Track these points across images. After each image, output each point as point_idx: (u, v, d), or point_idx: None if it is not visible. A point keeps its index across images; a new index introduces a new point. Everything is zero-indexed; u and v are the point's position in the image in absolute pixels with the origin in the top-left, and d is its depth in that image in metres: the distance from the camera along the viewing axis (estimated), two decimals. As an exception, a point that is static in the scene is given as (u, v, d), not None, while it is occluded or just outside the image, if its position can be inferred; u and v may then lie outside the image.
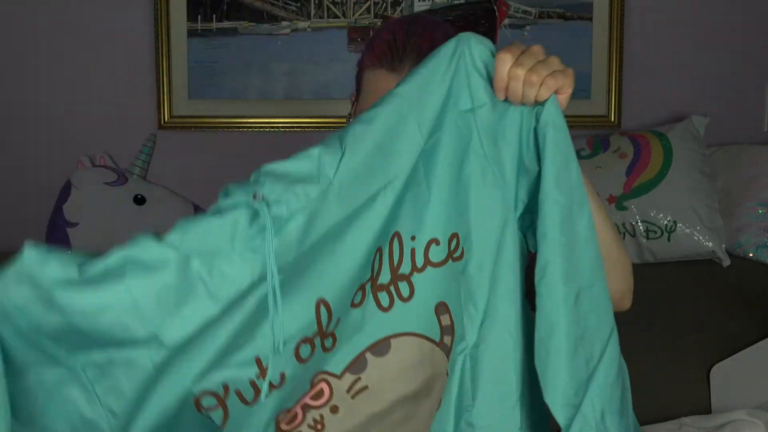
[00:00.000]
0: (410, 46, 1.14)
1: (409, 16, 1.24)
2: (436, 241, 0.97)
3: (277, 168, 0.85)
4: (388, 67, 1.14)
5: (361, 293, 0.95)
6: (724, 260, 2.04)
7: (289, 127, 2.22)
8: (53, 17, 2.18)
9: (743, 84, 2.28)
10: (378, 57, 1.16)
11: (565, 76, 1.00)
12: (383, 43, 1.16)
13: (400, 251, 0.95)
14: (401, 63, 1.13)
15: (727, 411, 1.81)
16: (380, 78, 1.15)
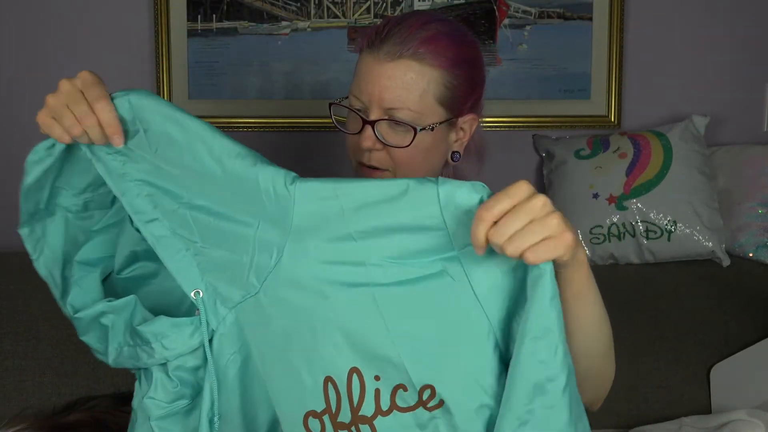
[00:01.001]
0: (395, 29, 1.16)
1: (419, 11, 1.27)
2: (402, 387, 0.92)
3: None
4: (368, 48, 1.18)
5: (318, 422, 0.93)
6: (724, 260, 2.04)
7: (289, 127, 2.22)
8: (53, 17, 2.18)
9: (743, 84, 2.28)
10: (367, 38, 1.19)
11: (558, 244, 0.87)
12: (376, 27, 1.20)
13: (361, 390, 0.92)
14: (380, 45, 1.16)
15: (727, 411, 1.81)
16: (362, 59, 1.19)
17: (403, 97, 1.15)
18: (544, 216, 0.88)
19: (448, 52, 1.17)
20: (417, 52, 1.15)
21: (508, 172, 2.29)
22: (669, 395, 1.89)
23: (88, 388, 1.81)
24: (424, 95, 1.16)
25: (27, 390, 1.81)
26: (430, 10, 2.21)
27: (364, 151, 1.19)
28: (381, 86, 1.15)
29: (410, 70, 1.15)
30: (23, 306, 1.87)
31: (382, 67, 1.15)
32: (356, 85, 1.19)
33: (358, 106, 1.19)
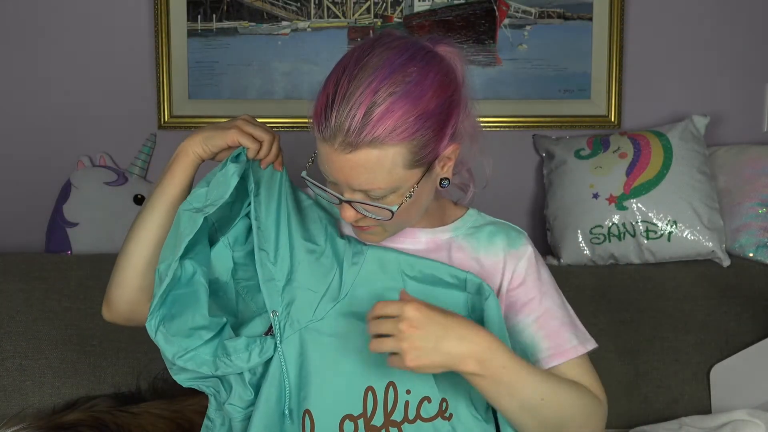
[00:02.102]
0: (342, 112, 1.08)
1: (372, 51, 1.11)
2: (428, 399, 1.14)
3: None
4: (320, 136, 1.13)
5: (353, 425, 1.13)
6: (724, 260, 2.04)
7: (289, 127, 2.22)
8: (53, 17, 2.18)
9: (743, 84, 2.28)
10: (317, 116, 1.13)
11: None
12: (323, 99, 1.12)
13: (394, 401, 1.13)
14: (332, 135, 1.10)
15: (727, 411, 1.81)
16: (318, 142, 1.14)
17: (371, 180, 1.10)
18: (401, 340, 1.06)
19: (408, 119, 1.08)
20: (374, 138, 1.07)
21: (508, 172, 2.29)
22: (669, 395, 1.89)
23: (88, 388, 1.81)
24: (392, 170, 1.10)
25: (27, 390, 1.81)
26: (428, 12, 2.21)
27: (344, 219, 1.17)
28: (345, 174, 1.10)
29: (370, 157, 1.08)
30: (23, 306, 1.87)
31: (341, 158, 1.09)
32: (321, 162, 1.15)
33: (328, 182, 1.16)
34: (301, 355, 1.16)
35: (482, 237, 1.27)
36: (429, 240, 1.26)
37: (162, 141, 2.23)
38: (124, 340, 1.86)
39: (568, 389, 1.19)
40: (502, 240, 1.27)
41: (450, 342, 1.06)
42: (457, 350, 1.06)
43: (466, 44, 2.22)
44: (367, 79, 1.08)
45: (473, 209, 1.33)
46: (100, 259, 1.97)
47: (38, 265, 1.94)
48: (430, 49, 1.14)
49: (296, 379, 1.15)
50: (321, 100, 1.12)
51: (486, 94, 2.23)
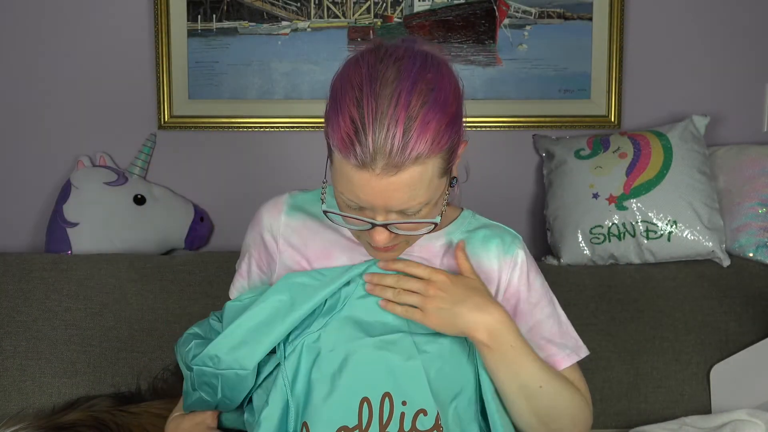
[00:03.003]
0: (379, 135, 1.02)
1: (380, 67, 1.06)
2: (423, 411, 1.13)
3: None
4: (356, 163, 1.04)
5: None
6: (724, 260, 2.04)
7: (289, 127, 2.22)
8: (53, 17, 2.18)
9: (743, 84, 2.28)
10: (344, 144, 1.04)
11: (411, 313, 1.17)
12: (348, 124, 1.04)
13: (390, 412, 1.13)
14: (372, 159, 1.03)
15: (727, 411, 1.81)
16: (350, 171, 1.05)
17: (412, 196, 1.06)
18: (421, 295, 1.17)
19: (440, 128, 1.05)
20: (419, 154, 1.03)
21: (508, 172, 2.29)
22: (669, 395, 1.89)
23: (88, 388, 1.81)
24: (431, 183, 1.07)
25: (27, 390, 1.81)
26: (428, 12, 2.20)
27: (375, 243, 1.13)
28: (386, 198, 1.05)
29: (415, 174, 1.04)
30: (23, 306, 1.87)
31: (383, 181, 1.04)
32: (349, 191, 1.07)
33: (357, 207, 1.09)
34: (299, 370, 1.17)
35: (477, 243, 1.26)
36: (424, 245, 1.25)
37: (162, 141, 2.23)
38: (124, 339, 1.86)
39: (564, 385, 1.22)
40: (497, 246, 1.26)
41: (467, 308, 1.14)
42: (472, 317, 1.14)
43: (466, 44, 2.22)
44: (394, 93, 1.03)
45: (467, 210, 1.32)
46: (100, 259, 1.97)
47: (38, 265, 1.94)
48: (426, 52, 1.12)
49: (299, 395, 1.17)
50: (344, 125, 1.04)
51: (486, 94, 2.23)
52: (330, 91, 1.10)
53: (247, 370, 1.19)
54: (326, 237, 1.26)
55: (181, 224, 2.17)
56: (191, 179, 2.25)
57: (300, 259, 1.26)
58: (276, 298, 1.19)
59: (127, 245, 2.09)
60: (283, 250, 1.28)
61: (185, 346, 1.29)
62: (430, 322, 1.15)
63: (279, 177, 2.24)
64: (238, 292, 1.34)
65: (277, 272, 1.28)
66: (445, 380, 1.17)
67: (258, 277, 1.32)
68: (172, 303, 1.91)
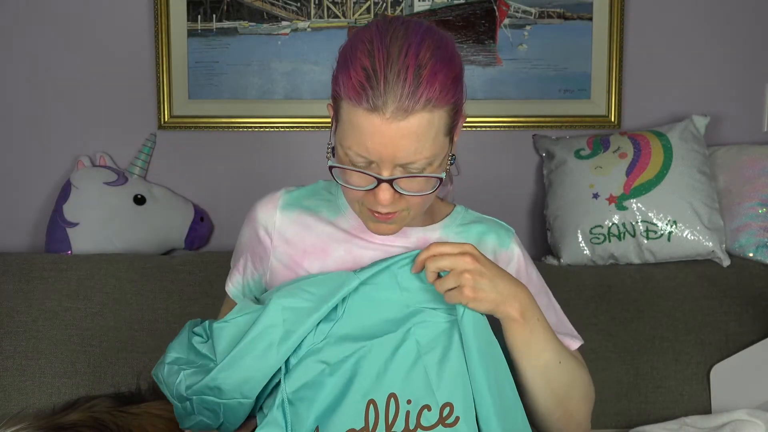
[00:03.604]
0: (391, 78, 1.05)
1: (390, 27, 1.11)
2: (427, 407, 1.14)
3: None
4: (368, 106, 1.06)
5: None
6: (724, 260, 2.04)
7: (289, 127, 2.22)
8: (53, 17, 2.18)
9: (743, 84, 2.28)
10: (356, 90, 1.07)
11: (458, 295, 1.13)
12: (360, 72, 1.07)
13: (396, 411, 1.14)
14: (384, 102, 1.05)
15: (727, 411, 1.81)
16: (361, 117, 1.07)
17: (418, 149, 1.08)
18: (459, 272, 1.11)
19: (448, 81, 1.08)
20: (428, 100, 1.06)
21: (508, 172, 2.29)
22: (669, 395, 1.89)
23: (88, 388, 1.81)
24: (437, 137, 1.09)
25: (27, 390, 1.81)
26: (428, 12, 2.21)
27: (378, 204, 1.13)
28: (394, 146, 1.07)
29: (423, 121, 1.07)
30: (23, 306, 1.87)
31: (392, 126, 1.05)
32: (357, 142, 1.08)
33: (363, 162, 1.10)
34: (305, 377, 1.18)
35: (472, 237, 1.28)
36: (419, 238, 1.26)
37: (162, 141, 2.23)
38: (124, 340, 1.86)
39: (577, 361, 1.25)
40: (492, 240, 1.28)
41: (503, 282, 1.13)
42: (507, 290, 1.13)
43: (466, 44, 2.22)
44: (404, 45, 1.07)
45: (460, 206, 1.33)
46: (100, 259, 1.97)
47: (38, 265, 1.94)
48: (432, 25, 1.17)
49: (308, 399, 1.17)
50: (356, 74, 1.07)
51: (486, 94, 2.23)
52: (338, 58, 1.13)
53: (250, 399, 1.21)
54: (322, 230, 1.27)
55: (181, 224, 2.17)
56: (191, 179, 2.25)
57: (294, 254, 1.27)
58: (269, 328, 1.18)
59: (127, 245, 2.09)
60: (277, 245, 1.28)
61: (172, 376, 1.27)
62: (468, 297, 1.11)
63: (279, 177, 2.24)
64: (234, 287, 1.36)
65: (270, 267, 1.29)
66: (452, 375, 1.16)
67: (251, 273, 1.33)
68: (172, 303, 1.91)
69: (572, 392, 1.23)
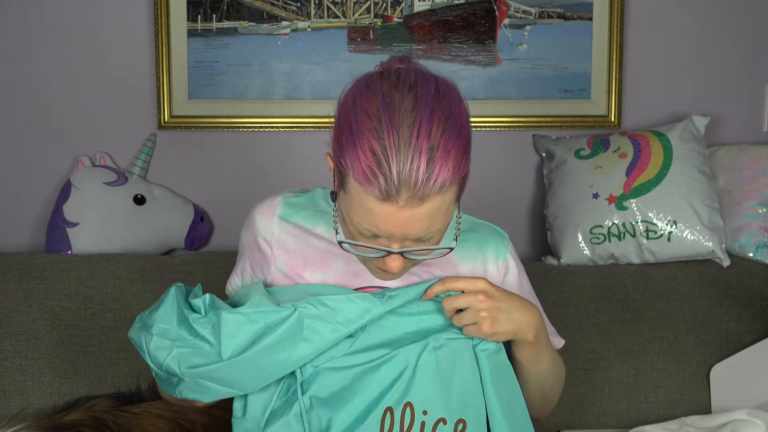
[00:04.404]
0: (403, 168, 1.01)
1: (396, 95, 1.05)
2: (443, 420, 1.17)
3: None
4: (380, 196, 1.03)
5: None
6: (724, 260, 2.04)
7: (289, 127, 2.22)
8: (53, 17, 2.18)
9: (743, 84, 2.28)
10: (366, 177, 1.03)
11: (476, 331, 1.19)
12: (369, 156, 1.02)
13: (411, 420, 1.16)
14: (397, 192, 1.03)
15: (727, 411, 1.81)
16: (372, 203, 1.05)
17: (431, 226, 1.08)
18: (477, 310, 1.17)
19: (459, 155, 1.06)
20: (442, 184, 1.04)
21: (508, 172, 2.29)
22: (669, 395, 1.89)
23: (88, 388, 1.81)
24: (448, 210, 1.09)
25: (27, 390, 1.81)
26: (428, 12, 2.20)
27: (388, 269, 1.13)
28: (406, 228, 1.06)
29: (435, 204, 1.05)
30: (23, 306, 1.87)
31: (405, 213, 1.04)
32: (367, 221, 1.07)
33: (371, 235, 1.09)
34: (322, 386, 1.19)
35: (470, 247, 1.29)
36: None
37: (162, 141, 2.23)
38: (124, 340, 1.86)
39: (560, 360, 1.37)
40: (491, 251, 1.30)
41: (518, 311, 1.20)
42: (523, 319, 1.20)
43: (466, 44, 2.22)
44: (414, 123, 1.02)
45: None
46: (100, 259, 1.97)
47: (38, 265, 1.94)
48: (436, 76, 1.11)
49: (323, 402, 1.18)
50: (365, 158, 1.02)
51: (486, 94, 2.23)
52: (340, 113, 1.08)
53: (248, 392, 1.22)
54: (319, 245, 1.27)
55: (181, 224, 2.16)
56: (191, 179, 2.25)
57: (294, 264, 1.27)
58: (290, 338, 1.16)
59: (127, 245, 2.09)
60: (278, 254, 1.28)
61: (161, 351, 1.21)
62: (486, 332, 1.18)
63: (279, 177, 2.24)
64: (233, 289, 1.39)
65: (272, 276, 1.29)
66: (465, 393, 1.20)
67: (250, 278, 1.33)
68: (172, 303, 1.91)
69: (555, 387, 1.35)
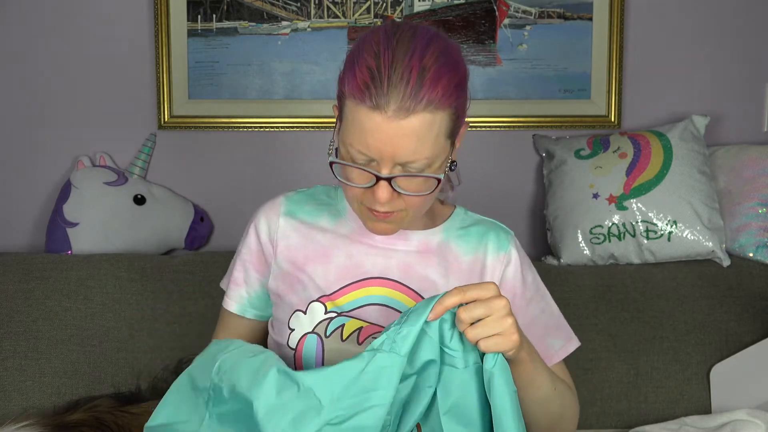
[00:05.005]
0: (394, 78, 1.08)
1: (397, 31, 1.13)
2: None
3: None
4: (371, 104, 1.08)
5: None
6: (724, 260, 2.04)
7: (289, 127, 2.22)
8: (53, 17, 2.18)
9: (743, 84, 2.29)
10: (360, 89, 1.09)
11: (505, 341, 1.05)
12: (365, 72, 1.09)
13: None
14: (386, 101, 1.07)
15: (727, 411, 1.81)
16: (363, 115, 1.09)
17: (418, 149, 1.09)
18: (501, 316, 1.04)
19: (451, 85, 1.10)
20: (429, 101, 1.08)
21: (508, 172, 2.29)
22: (669, 395, 1.89)
23: (88, 388, 1.81)
24: (437, 139, 1.11)
25: (27, 390, 1.81)
26: (428, 12, 2.21)
27: (376, 202, 1.13)
28: (394, 144, 1.08)
29: (424, 122, 1.08)
30: (23, 306, 1.87)
31: (392, 124, 1.07)
32: (359, 139, 1.10)
33: (363, 160, 1.12)
34: None
35: (472, 239, 1.28)
36: (421, 241, 1.27)
37: (162, 141, 2.23)
38: (124, 339, 1.86)
39: (564, 383, 1.25)
40: (492, 243, 1.28)
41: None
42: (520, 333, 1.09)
43: (466, 44, 2.22)
44: (409, 50, 1.09)
45: (460, 207, 1.34)
46: (100, 259, 1.97)
47: (38, 265, 1.94)
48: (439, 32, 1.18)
49: None
50: (361, 74, 1.09)
51: (486, 94, 2.23)
52: (345, 59, 1.16)
53: None
54: (322, 238, 1.28)
55: (181, 224, 2.17)
56: (191, 179, 2.25)
57: (296, 260, 1.27)
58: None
59: (127, 245, 2.09)
60: (281, 251, 1.29)
61: None
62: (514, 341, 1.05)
63: (279, 177, 2.24)
64: (238, 303, 1.33)
65: (272, 273, 1.29)
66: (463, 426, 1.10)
67: (255, 281, 1.33)
68: (172, 303, 1.91)
69: (564, 413, 1.24)
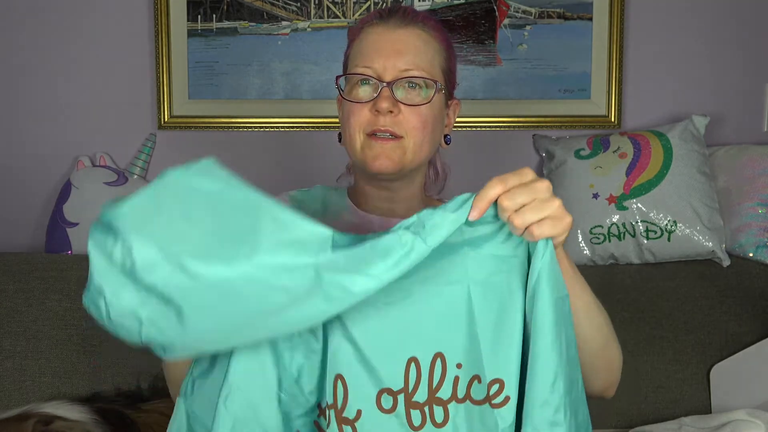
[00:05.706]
0: (394, 8, 1.26)
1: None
2: (478, 378, 0.98)
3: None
4: (376, 20, 1.25)
5: (391, 399, 0.97)
6: (724, 260, 2.04)
7: (289, 127, 2.22)
8: (53, 17, 2.18)
9: (743, 84, 2.29)
10: (369, 17, 1.26)
11: (558, 224, 0.95)
12: (369, 15, 1.27)
13: (442, 375, 0.97)
14: (388, 16, 1.24)
15: (727, 411, 1.81)
16: (368, 32, 1.25)
17: (416, 60, 1.22)
18: (547, 198, 0.94)
19: (443, 32, 1.29)
20: (425, 22, 1.25)
21: (509, 172, 2.29)
22: (669, 395, 1.89)
23: (88, 388, 1.81)
24: (433, 61, 1.24)
25: (27, 390, 1.81)
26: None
27: (378, 117, 1.19)
28: (395, 51, 1.21)
29: (419, 38, 1.23)
30: (23, 306, 1.87)
31: (394, 34, 1.23)
32: (364, 56, 1.23)
33: (368, 74, 1.22)
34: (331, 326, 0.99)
35: None
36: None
37: (162, 141, 2.23)
38: (124, 340, 1.86)
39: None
40: None
41: None
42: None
43: (466, 44, 2.22)
44: (408, 7, 1.28)
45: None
46: (100, 259, 1.97)
47: (38, 265, 1.94)
48: None
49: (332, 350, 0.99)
50: (365, 17, 1.27)
51: (486, 94, 2.23)
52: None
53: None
54: None
55: (181, 224, 2.16)
56: (191, 179, 2.24)
57: None
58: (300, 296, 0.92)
59: (127, 245, 2.09)
60: None
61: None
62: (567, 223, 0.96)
63: (279, 177, 2.24)
64: None
65: None
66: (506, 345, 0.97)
67: None
68: (172, 303, 1.91)
69: (609, 332, 1.14)
